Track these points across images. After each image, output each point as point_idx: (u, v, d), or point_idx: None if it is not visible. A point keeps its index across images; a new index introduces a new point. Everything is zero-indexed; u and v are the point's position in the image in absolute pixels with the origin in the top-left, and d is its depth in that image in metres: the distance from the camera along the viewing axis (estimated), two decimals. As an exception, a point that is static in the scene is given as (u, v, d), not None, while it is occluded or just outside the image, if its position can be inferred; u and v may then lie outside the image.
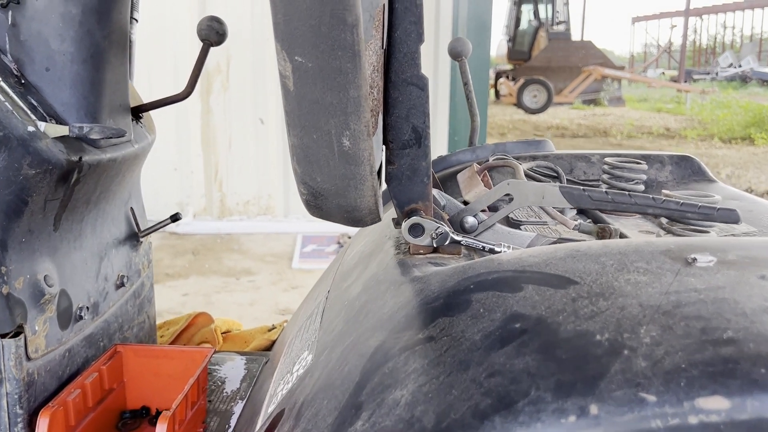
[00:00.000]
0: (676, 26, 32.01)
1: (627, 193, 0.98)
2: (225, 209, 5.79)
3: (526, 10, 19.59)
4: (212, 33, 1.37)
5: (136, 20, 1.67)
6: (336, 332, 1.00)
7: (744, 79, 27.27)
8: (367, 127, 0.77)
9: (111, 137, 1.03)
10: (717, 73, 28.55)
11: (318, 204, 0.83)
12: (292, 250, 4.93)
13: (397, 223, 1.08)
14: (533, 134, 13.37)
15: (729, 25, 33.43)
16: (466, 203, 1.38)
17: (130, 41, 1.60)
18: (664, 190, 1.10)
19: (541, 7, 19.45)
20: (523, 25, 19.63)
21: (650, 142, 12.79)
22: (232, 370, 1.46)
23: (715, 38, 34.78)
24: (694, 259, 0.77)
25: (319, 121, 0.77)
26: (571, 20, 20.28)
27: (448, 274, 0.88)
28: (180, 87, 1.47)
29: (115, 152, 1.19)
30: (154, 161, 5.74)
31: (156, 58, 5.35)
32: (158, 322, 1.96)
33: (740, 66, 28.92)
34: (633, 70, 27.26)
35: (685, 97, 19.16)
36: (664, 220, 1.10)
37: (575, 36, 22.11)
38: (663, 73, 29.48)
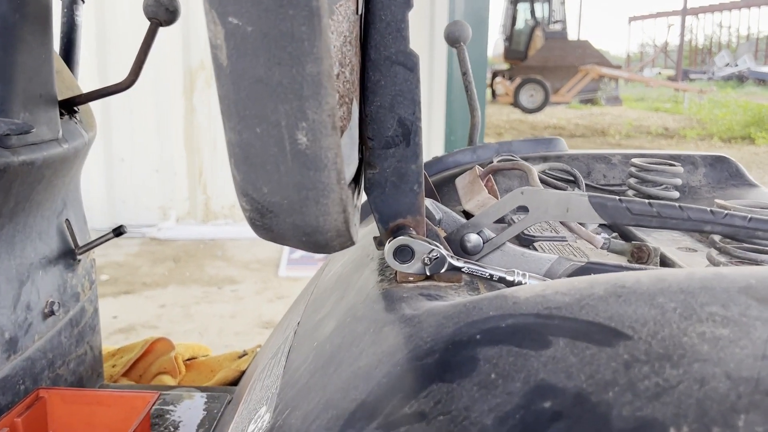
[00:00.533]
0: (673, 25, 31.86)
1: (677, 205, 0.75)
2: (209, 213, 5.55)
3: (523, 9, 19.40)
4: (161, 10, 1.14)
5: (83, 0, 1.44)
6: (300, 386, 0.78)
7: (741, 79, 27.15)
8: (331, 117, 0.54)
9: (10, 134, 0.80)
10: (713, 73, 28.42)
11: (266, 224, 0.60)
12: (279, 257, 4.70)
13: (380, 243, 0.86)
14: (531, 134, 13.17)
15: (725, 24, 33.28)
16: (467, 215, 1.15)
17: (73, 24, 1.37)
18: (717, 200, 0.88)
19: (538, 6, 19.27)
20: (520, 24, 19.44)
21: (649, 141, 12.60)
22: (189, 411, 1.23)
23: (711, 38, 34.64)
24: (791, 302, 0.55)
25: (264, 108, 0.55)
26: (567, 19, 20.10)
27: (445, 314, 0.66)
28: (160, 82, 1.25)
29: (33, 154, 0.96)
30: (134, 163, 5.55)
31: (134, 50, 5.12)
32: (127, 341, 1.75)
33: (737, 65, 28.79)
34: (630, 69, 27.10)
35: (683, 97, 19.00)
36: (716, 237, 0.87)
37: (572, 35, 21.93)
38: (659, 72, 29.34)
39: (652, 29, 45.34)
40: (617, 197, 0.77)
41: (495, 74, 19.59)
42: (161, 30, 1.28)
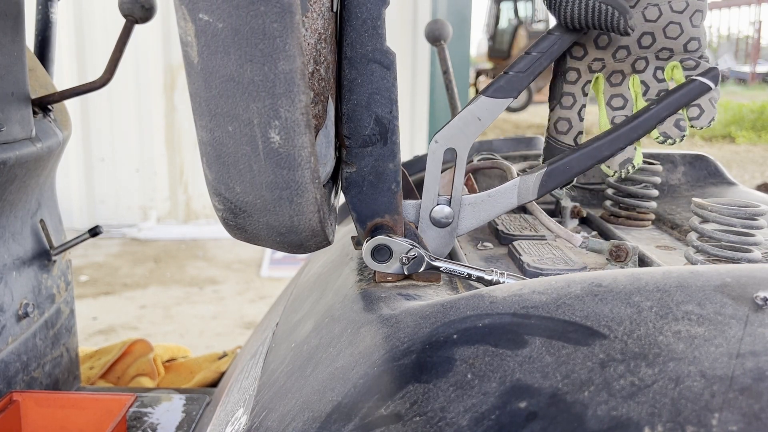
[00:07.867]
0: (654, 25, 32.05)
1: None
2: (191, 213, 5.51)
3: (506, 8, 19.46)
4: (136, 7, 1.13)
5: (58, -2, 1.42)
6: (277, 387, 0.77)
7: (721, 78, 27.43)
8: (305, 115, 0.54)
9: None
10: (694, 72, 28.64)
11: (239, 224, 0.60)
12: (261, 257, 4.66)
13: (357, 243, 0.85)
14: (515, 133, 13.22)
15: (706, 24, 33.58)
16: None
17: (48, 21, 1.36)
18: (695, 198, 0.88)
19: (521, 5, 19.32)
20: (503, 23, 19.49)
21: (631, 140, 12.69)
22: (167, 414, 1.22)
23: (692, 37, 34.90)
24: (766, 300, 0.55)
25: (236, 106, 0.54)
26: (550, 18, 20.19)
27: (422, 314, 0.65)
28: (140, 81, 1.23)
29: (4, 153, 0.94)
30: (114, 162, 5.48)
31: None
32: (107, 343, 1.72)
33: (717, 65, 29.05)
34: (612, 68, 27.21)
35: (665, 96, 19.14)
36: (693, 235, 0.88)
37: (554, 34, 21.99)
38: (641, 72, 29.51)
39: (634, 29, 45.58)
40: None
41: (478, 73, 19.63)
42: (142, 27, 1.26)
